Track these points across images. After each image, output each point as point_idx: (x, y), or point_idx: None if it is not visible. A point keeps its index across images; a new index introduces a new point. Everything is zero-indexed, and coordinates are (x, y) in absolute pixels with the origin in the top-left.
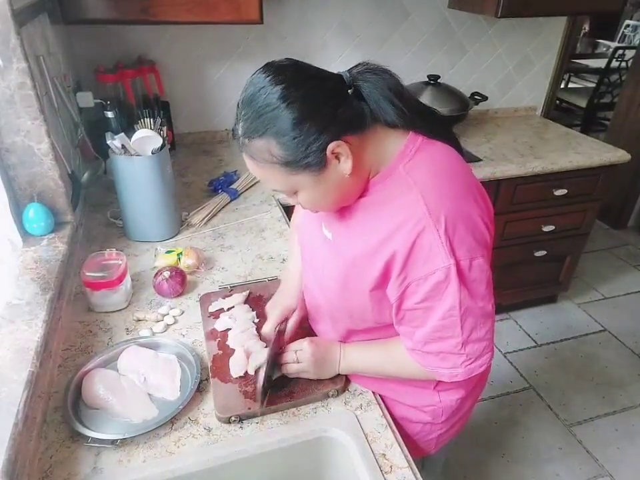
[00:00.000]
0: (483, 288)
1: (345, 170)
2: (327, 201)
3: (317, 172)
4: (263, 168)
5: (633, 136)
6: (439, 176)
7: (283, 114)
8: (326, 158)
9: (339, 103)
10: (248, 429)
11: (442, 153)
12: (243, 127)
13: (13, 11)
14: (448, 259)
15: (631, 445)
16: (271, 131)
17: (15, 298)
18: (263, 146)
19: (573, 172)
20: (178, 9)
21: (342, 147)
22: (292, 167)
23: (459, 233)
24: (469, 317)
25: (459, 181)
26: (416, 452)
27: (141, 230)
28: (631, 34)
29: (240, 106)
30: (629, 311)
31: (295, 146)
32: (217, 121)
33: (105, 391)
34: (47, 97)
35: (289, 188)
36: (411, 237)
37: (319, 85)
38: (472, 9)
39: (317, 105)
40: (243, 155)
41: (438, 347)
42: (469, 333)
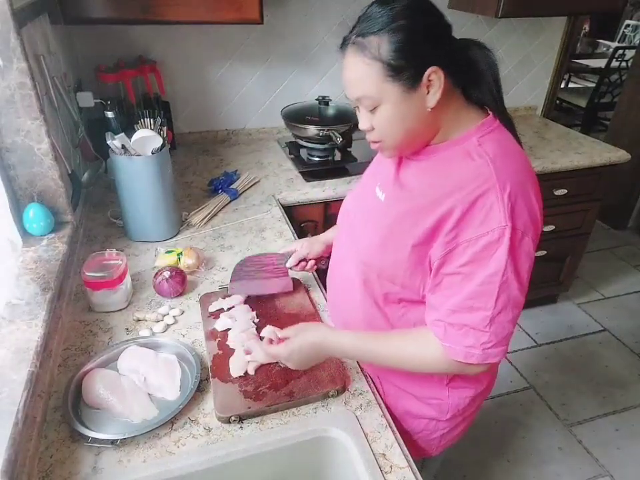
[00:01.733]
0: (525, 269)
1: (430, 102)
2: (399, 127)
3: (408, 89)
4: (362, 65)
5: (633, 136)
6: (510, 155)
7: (406, 19)
8: (421, 79)
9: (453, 42)
10: (248, 429)
11: (514, 141)
12: (362, 25)
13: (13, 10)
14: (506, 220)
15: (631, 445)
16: (389, 28)
17: (14, 298)
18: (375, 41)
19: (573, 172)
20: (179, 9)
21: (439, 75)
22: (390, 71)
23: (520, 204)
24: (505, 292)
25: (527, 167)
26: (418, 452)
27: (141, 230)
28: (631, 34)
29: (367, 9)
30: (629, 311)
31: (404, 49)
32: (217, 120)
33: (105, 391)
34: (47, 96)
35: (375, 94)
36: (473, 194)
37: (444, 19)
38: (472, 9)
39: (437, 29)
40: (346, 55)
41: (464, 319)
42: (499, 310)
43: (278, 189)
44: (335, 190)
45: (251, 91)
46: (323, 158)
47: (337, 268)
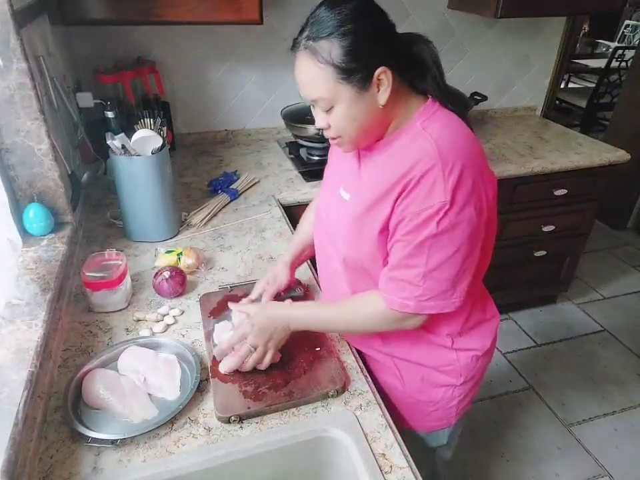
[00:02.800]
0: (466, 234)
1: (381, 99)
2: (354, 124)
3: (359, 89)
4: (315, 69)
5: (633, 136)
6: (452, 132)
7: (354, 23)
8: (371, 79)
9: (398, 40)
10: (248, 429)
11: (457, 120)
12: (312, 29)
13: (12, 11)
14: (446, 195)
15: (630, 445)
16: (338, 33)
17: (14, 298)
18: (326, 45)
19: (572, 172)
20: (178, 9)
21: (387, 75)
22: (342, 73)
23: (463, 177)
24: (439, 253)
25: (468, 141)
26: (439, 422)
27: (140, 230)
28: (630, 34)
29: (315, 11)
30: (628, 311)
31: (353, 52)
32: (216, 121)
33: (105, 391)
34: (47, 97)
35: (329, 96)
36: (419, 172)
37: (388, 18)
38: (472, 9)
39: (384, 30)
40: (298, 58)
41: (401, 274)
42: (433, 267)
43: (278, 189)
44: None
45: (251, 92)
46: (322, 157)
47: (324, 267)
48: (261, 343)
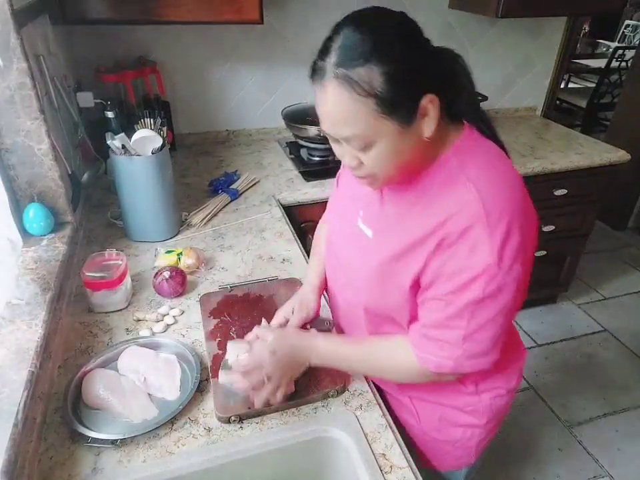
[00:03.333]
0: (510, 295)
1: (427, 131)
2: (395, 162)
3: (404, 123)
4: (351, 102)
5: (633, 136)
6: (493, 174)
7: (396, 45)
8: (417, 109)
9: (437, 57)
10: (248, 429)
11: (496, 154)
12: (343, 53)
13: (13, 11)
14: (492, 256)
15: (631, 446)
16: (379, 58)
17: (14, 298)
18: (365, 74)
19: (573, 172)
20: (179, 9)
21: (435, 104)
22: (385, 106)
23: (509, 234)
24: (482, 315)
25: (514, 184)
26: (458, 462)
27: (141, 230)
28: (630, 34)
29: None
30: (629, 311)
31: (398, 80)
32: (217, 121)
33: (105, 391)
34: (47, 97)
35: (369, 133)
36: (460, 227)
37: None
38: (472, 9)
39: (426, 49)
40: (324, 88)
41: (440, 334)
42: (474, 330)
43: (278, 189)
44: None
45: (251, 92)
46: (323, 158)
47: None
48: (277, 375)
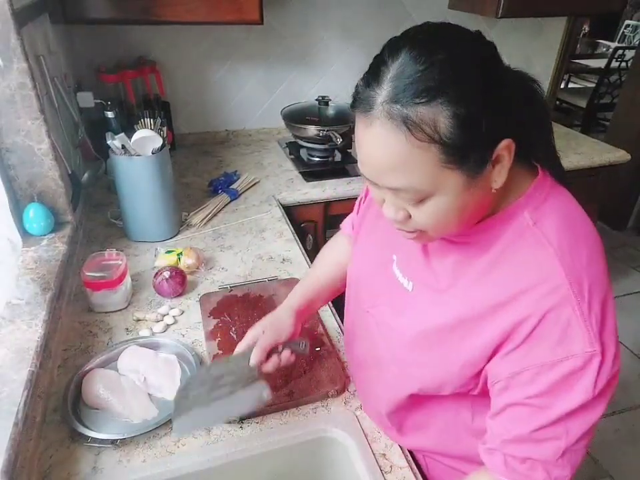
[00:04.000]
0: (610, 389)
1: (497, 182)
2: (455, 218)
3: (472, 174)
4: (408, 149)
5: (633, 136)
6: (575, 235)
7: (472, 75)
8: (491, 158)
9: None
10: (248, 429)
11: (572, 204)
12: (398, 87)
13: (13, 10)
14: (592, 343)
15: (631, 446)
16: (450, 95)
17: (14, 298)
18: (429, 115)
19: (572, 172)
20: (179, 9)
21: (511, 149)
22: (452, 155)
23: (605, 312)
24: (587, 420)
25: (595, 244)
26: None
27: (141, 230)
28: (630, 34)
29: (392, 55)
30: (628, 311)
31: (472, 124)
32: (217, 121)
33: (105, 391)
34: (47, 96)
35: (425, 187)
36: (543, 304)
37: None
38: (472, 9)
39: (504, 82)
40: (372, 126)
41: (529, 451)
42: (576, 439)
43: (278, 189)
44: (334, 190)
45: (251, 92)
46: (323, 158)
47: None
48: None
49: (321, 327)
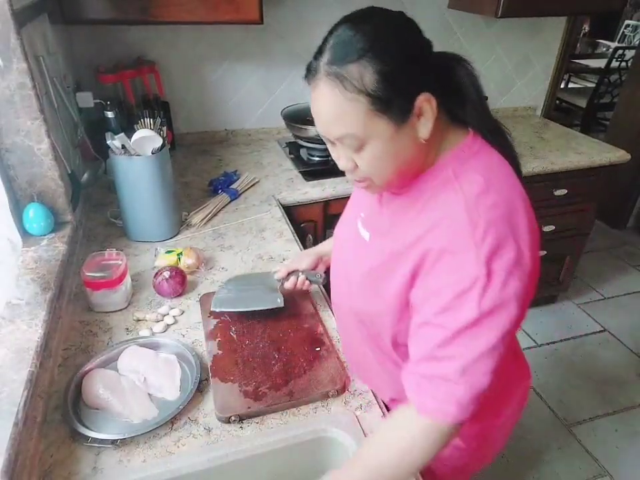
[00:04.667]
0: (510, 317)
1: (423, 133)
2: (390, 164)
3: (398, 122)
4: (343, 100)
5: (633, 136)
6: (487, 187)
7: (390, 42)
8: (412, 108)
9: (437, 59)
10: (248, 429)
11: (495, 163)
12: (335, 51)
13: (13, 11)
14: (480, 268)
15: (630, 445)
16: (372, 54)
17: (14, 298)
18: (356, 71)
19: (572, 172)
20: (178, 9)
21: (431, 103)
22: (378, 105)
23: (501, 247)
24: (481, 339)
25: (511, 196)
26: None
27: (141, 230)
28: (630, 34)
29: (335, 30)
30: (628, 311)
31: (392, 77)
32: (216, 121)
33: (105, 391)
34: (47, 97)
35: (362, 133)
36: (444, 238)
37: (425, 37)
38: (471, 9)
39: (423, 49)
40: (317, 87)
41: (433, 368)
42: (474, 359)
43: (278, 189)
44: (334, 189)
45: (251, 92)
46: (322, 158)
47: (336, 298)
48: None
49: (321, 326)
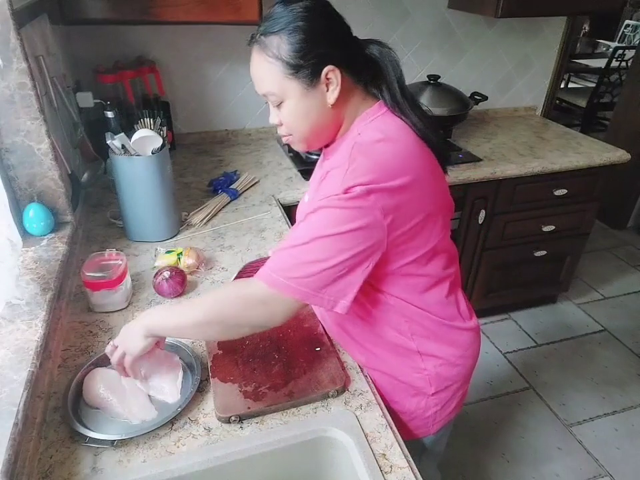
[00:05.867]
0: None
1: (330, 99)
2: (303, 121)
3: (307, 85)
4: (265, 63)
5: (633, 136)
6: (376, 139)
7: (304, 21)
8: (319, 77)
9: (353, 43)
10: (248, 429)
11: (398, 127)
12: (266, 24)
13: (12, 11)
14: (337, 188)
15: (630, 445)
16: (288, 29)
17: (14, 298)
18: (275, 41)
19: (572, 172)
20: (178, 9)
21: (336, 74)
22: (289, 69)
23: (359, 176)
24: (310, 230)
25: (387, 145)
26: (418, 432)
27: (140, 230)
28: (630, 34)
29: (271, 8)
30: (628, 311)
31: (300, 48)
32: (216, 121)
33: (106, 391)
34: (47, 97)
35: (278, 91)
36: (330, 172)
37: (343, 21)
38: (472, 9)
39: (334, 30)
40: (252, 52)
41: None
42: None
43: (278, 189)
44: None
45: (251, 92)
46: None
47: None
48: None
49: (321, 326)
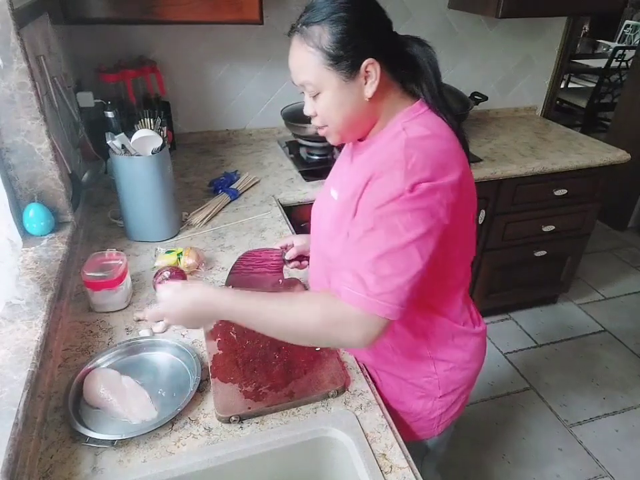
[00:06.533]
0: (423, 227)
1: (368, 92)
2: (338, 113)
3: (346, 77)
4: (305, 53)
5: (634, 136)
6: (424, 136)
7: (347, 12)
8: (358, 69)
9: (393, 38)
10: (248, 429)
11: (441, 124)
12: (308, 14)
13: (13, 10)
14: (403, 183)
15: (631, 446)
16: (330, 20)
17: (14, 298)
18: (317, 31)
19: (573, 172)
20: (179, 9)
21: (375, 68)
22: (330, 59)
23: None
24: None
25: (439, 143)
26: (422, 433)
27: (141, 230)
28: (630, 34)
29: (312, 1)
30: (629, 311)
31: (342, 39)
32: (217, 121)
33: (106, 391)
34: (47, 96)
35: (316, 81)
36: (381, 169)
37: (385, 14)
38: (472, 9)
39: (376, 23)
40: (292, 42)
41: (350, 260)
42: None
43: (278, 189)
44: None
45: (252, 91)
46: (322, 157)
47: (312, 269)
48: (179, 324)
49: None
